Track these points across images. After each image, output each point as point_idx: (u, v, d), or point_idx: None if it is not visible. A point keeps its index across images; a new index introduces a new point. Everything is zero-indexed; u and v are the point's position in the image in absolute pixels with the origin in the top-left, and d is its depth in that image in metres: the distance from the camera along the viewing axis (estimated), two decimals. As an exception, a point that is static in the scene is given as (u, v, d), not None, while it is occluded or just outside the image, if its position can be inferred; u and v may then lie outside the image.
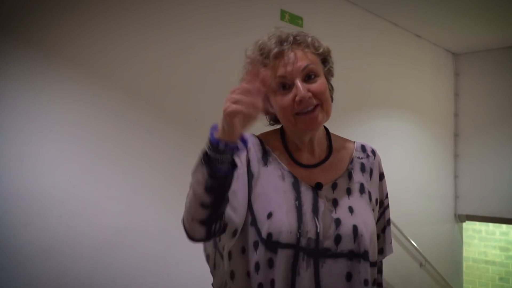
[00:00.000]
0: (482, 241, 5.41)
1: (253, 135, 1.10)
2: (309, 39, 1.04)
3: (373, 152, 1.16)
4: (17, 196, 1.71)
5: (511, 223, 4.57)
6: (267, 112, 1.09)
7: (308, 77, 1.01)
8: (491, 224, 5.22)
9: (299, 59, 1.01)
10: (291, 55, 1.01)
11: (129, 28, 2.07)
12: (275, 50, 1.01)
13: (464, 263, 5.07)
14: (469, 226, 5.27)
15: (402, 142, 4.00)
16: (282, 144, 1.09)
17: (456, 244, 4.78)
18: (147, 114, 2.13)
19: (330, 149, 1.11)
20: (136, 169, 2.08)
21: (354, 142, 1.17)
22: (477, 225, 5.34)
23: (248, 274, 0.98)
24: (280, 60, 1.01)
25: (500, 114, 4.49)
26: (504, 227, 5.22)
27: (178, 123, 2.26)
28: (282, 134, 1.11)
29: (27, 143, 1.75)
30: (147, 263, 2.06)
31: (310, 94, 0.99)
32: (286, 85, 1.01)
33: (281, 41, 1.02)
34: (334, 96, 1.10)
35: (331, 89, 1.09)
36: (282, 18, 2.78)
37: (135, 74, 2.09)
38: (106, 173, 1.97)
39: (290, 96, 1.00)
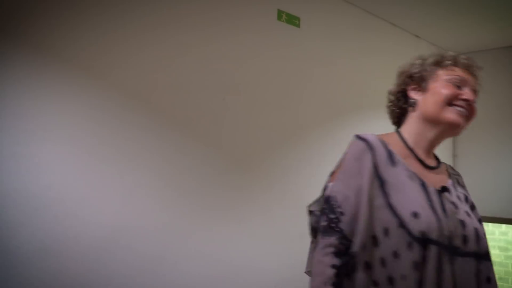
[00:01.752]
0: (482, 241, 5.41)
1: (374, 135, 1.17)
2: (479, 74, 1.23)
3: (460, 174, 1.33)
4: (12, 196, 1.71)
5: (511, 223, 4.56)
6: (400, 108, 1.24)
7: None
8: (490, 224, 5.21)
9: (476, 87, 1.20)
10: (474, 77, 1.20)
11: (127, 29, 2.07)
12: (464, 61, 1.19)
13: (464, 263, 5.06)
14: (468, 226, 5.27)
15: (401, 142, 3.99)
16: (404, 145, 1.17)
17: (455, 244, 4.77)
18: (144, 115, 2.13)
19: (437, 159, 1.26)
20: (132, 170, 2.08)
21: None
22: (477, 225, 5.34)
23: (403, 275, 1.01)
24: (464, 70, 1.18)
25: (500, 114, 4.48)
26: (503, 227, 5.21)
27: (175, 124, 2.26)
28: (401, 137, 1.20)
29: (23, 144, 1.75)
30: (143, 262, 2.07)
31: (474, 103, 1.16)
32: (457, 84, 1.16)
33: (468, 64, 1.20)
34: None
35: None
36: (279, 18, 2.78)
37: (132, 75, 2.09)
38: (102, 173, 1.97)
39: (456, 89, 1.14)
